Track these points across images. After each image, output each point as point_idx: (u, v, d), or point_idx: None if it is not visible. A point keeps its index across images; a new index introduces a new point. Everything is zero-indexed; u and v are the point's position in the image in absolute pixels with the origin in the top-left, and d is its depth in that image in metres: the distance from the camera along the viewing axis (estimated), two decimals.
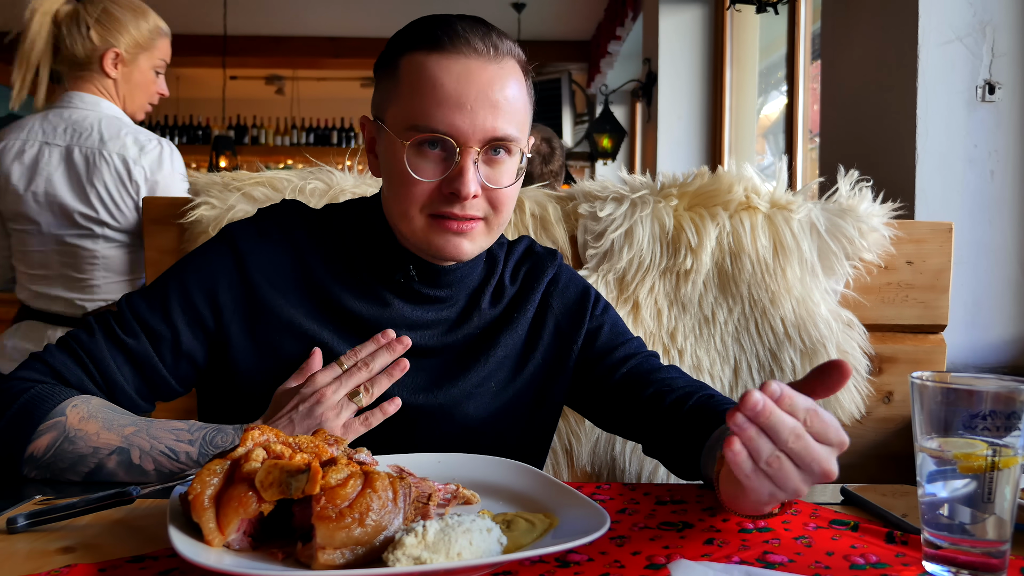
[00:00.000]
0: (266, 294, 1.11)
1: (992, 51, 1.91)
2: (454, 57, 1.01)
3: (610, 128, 5.64)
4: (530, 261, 1.26)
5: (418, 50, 1.03)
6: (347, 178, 1.71)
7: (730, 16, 4.47)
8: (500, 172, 1.05)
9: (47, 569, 0.71)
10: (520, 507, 0.87)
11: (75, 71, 2.08)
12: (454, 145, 1.01)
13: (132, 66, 2.11)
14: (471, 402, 1.15)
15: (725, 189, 1.60)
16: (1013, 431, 0.71)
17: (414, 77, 1.02)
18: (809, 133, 3.42)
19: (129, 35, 2.08)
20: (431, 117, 1.01)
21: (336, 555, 0.69)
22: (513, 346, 1.20)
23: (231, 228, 1.15)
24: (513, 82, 1.04)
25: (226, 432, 1.00)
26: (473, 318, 1.18)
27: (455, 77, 1.01)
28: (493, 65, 1.03)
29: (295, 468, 0.72)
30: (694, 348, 1.61)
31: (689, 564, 0.73)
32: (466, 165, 1.01)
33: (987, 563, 0.72)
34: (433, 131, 1.01)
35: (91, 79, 2.08)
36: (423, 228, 1.05)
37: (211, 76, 7.95)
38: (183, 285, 1.10)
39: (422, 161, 1.03)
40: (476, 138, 1.01)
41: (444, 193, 1.03)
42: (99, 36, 2.05)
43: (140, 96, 2.16)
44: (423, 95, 1.01)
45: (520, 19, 6.66)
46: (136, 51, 2.10)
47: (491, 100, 1.01)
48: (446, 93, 1.00)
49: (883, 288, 1.67)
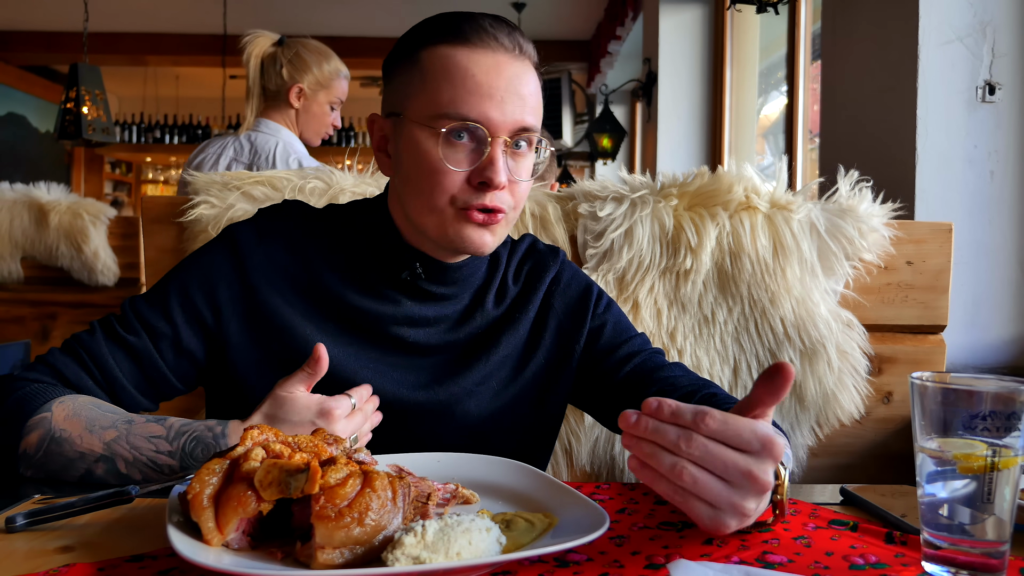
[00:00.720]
0: (265, 294, 1.11)
1: (992, 51, 1.91)
2: (482, 51, 1.02)
3: (610, 128, 5.64)
4: (532, 259, 1.26)
5: (442, 43, 1.03)
6: (347, 177, 1.71)
7: (730, 16, 4.47)
8: (522, 165, 1.07)
9: (46, 568, 0.71)
10: (519, 507, 0.87)
11: (267, 101, 2.56)
12: (485, 134, 1.01)
13: (312, 100, 2.56)
14: (472, 400, 1.15)
15: (725, 189, 1.60)
16: (1013, 432, 0.71)
17: (441, 68, 1.02)
18: (809, 133, 3.42)
19: (312, 74, 2.54)
20: (463, 105, 1.01)
21: (335, 555, 0.69)
22: (515, 345, 1.20)
23: (231, 228, 1.15)
24: (534, 80, 1.07)
25: (205, 441, 0.98)
26: (476, 316, 1.18)
27: (485, 69, 1.02)
28: (518, 61, 1.04)
29: (294, 467, 0.72)
30: (694, 348, 1.61)
31: (688, 564, 0.73)
32: (496, 154, 1.01)
33: (986, 563, 0.72)
34: (464, 119, 1.01)
35: (278, 108, 2.55)
36: (450, 220, 1.05)
37: (211, 75, 7.95)
38: (183, 284, 1.11)
39: (451, 151, 1.02)
40: (506, 128, 1.02)
41: (474, 183, 1.03)
42: (288, 73, 2.52)
43: (315, 125, 2.59)
44: (453, 84, 1.01)
45: (520, 19, 6.65)
46: (316, 88, 2.55)
47: (519, 93, 1.03)
48: (476, 83, 1.01)
49: (883, 288, 1.66)
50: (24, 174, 4.32)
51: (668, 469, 0.71)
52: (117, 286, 3.22)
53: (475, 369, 1.16)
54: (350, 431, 1.01)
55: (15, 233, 3.14)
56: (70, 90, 4.99)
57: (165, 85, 9.73)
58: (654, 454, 0.71)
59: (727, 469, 0.71)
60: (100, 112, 5.06)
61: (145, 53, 7.97)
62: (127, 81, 9.52)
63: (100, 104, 5.07)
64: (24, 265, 3.19)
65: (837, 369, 1.61)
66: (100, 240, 3.17)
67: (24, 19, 7.46)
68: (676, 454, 0.71)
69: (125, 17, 7.27)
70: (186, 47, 7.87)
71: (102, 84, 5.13)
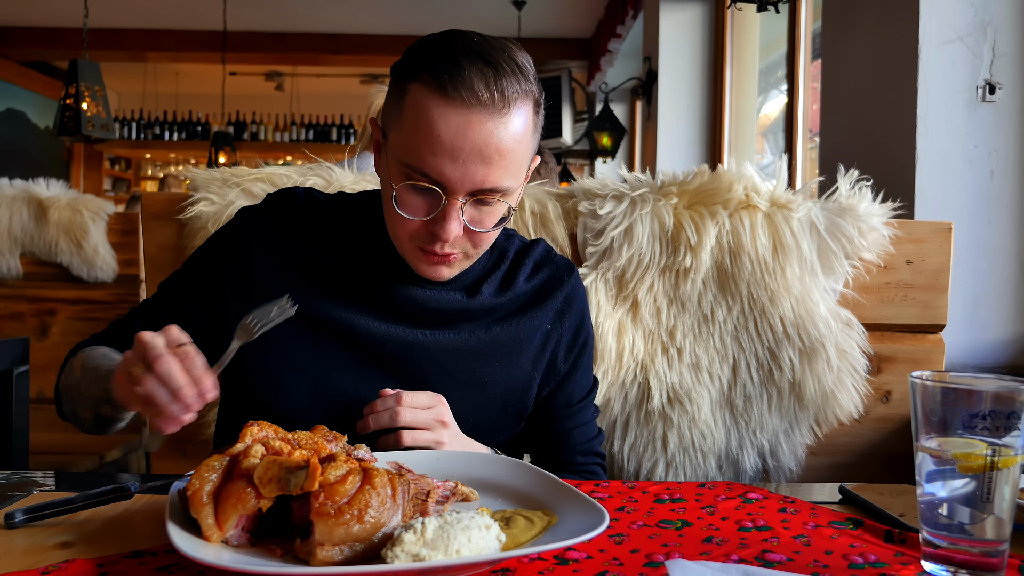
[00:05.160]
0: (262, 267, 1.15)
1: (993, 51, 1.91)
2: (455, 106, 1.00)
3: (610, 126, 5.64)
4: (548, 268, 1.26)
5: (425, 84, 1.02)
6: (346, 174, 1.70)
7: (731, 15, 4.46)
8: (486, 215, 1.07)
9: (45, 564, 0.71)
10: (519, 504, 0.87)
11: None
12: (440, 193, 1.02)
13: None
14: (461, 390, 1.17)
15: (725, 188, 1.60)
16: (1012, 431, 0.71)
17: (416, 115, 1.02)
18: (809, 132, 3.42)
19: None
20: (424, 162, 1.01)
21: (335, 551, 0.69)
22: (514, 351, 1.20)
23: (240, 209, 1.23)
24: (515, 130, 1.03)
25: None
26: (474, 304, 1.18)
27: (453, 128, 1.00)
28: (495, 118, 1.01)
29: (294, 464, 0.72)
30: (693, 346, 1.61)
31: (686, 564, 0.73)
32: (450, 212, 1.03)
33: (985, 563, 0.72)
34: (424, 176, 1.02)
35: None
36: (408, 250, 1.10)
37: (211, 72, 7.94)
38: (196, 260, 1.22)
39: (411, 198, 1.05)
40: (464, 189, 1.02)
41: (428, 231, 1.06)
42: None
43: None
44: (419, 138, 1.01)
45: (520, 16, 6.64)
46: None
47: (485, 155, 1.01)
48: (441, 143, 1.00)
49: (882, 287, 1.67)
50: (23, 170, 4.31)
51: None
52: (116, 282, 3.21)
53: (470, 355, 1.18)
54: None
55: (14, 229, 3.13)
56: (70, 86, 4.98)
57: (165, 81, 9.72)
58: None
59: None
60: (100, 108, 5.05)
61: (145, 49, 7.96)
62: (127, 77, 9.50)
63: (100, 100, 5.06)
64: (23, 261, 3.18)
65: (836, 368, 1.61)
66: (99, 236, 3.16)
67: (24, 15, 7.45)
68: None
69: (125, 13, 7.26)
70: (186, 43, 7.86)
71: (102, 80, 5.12)
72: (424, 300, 1.15)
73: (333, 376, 1.13)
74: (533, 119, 1.06)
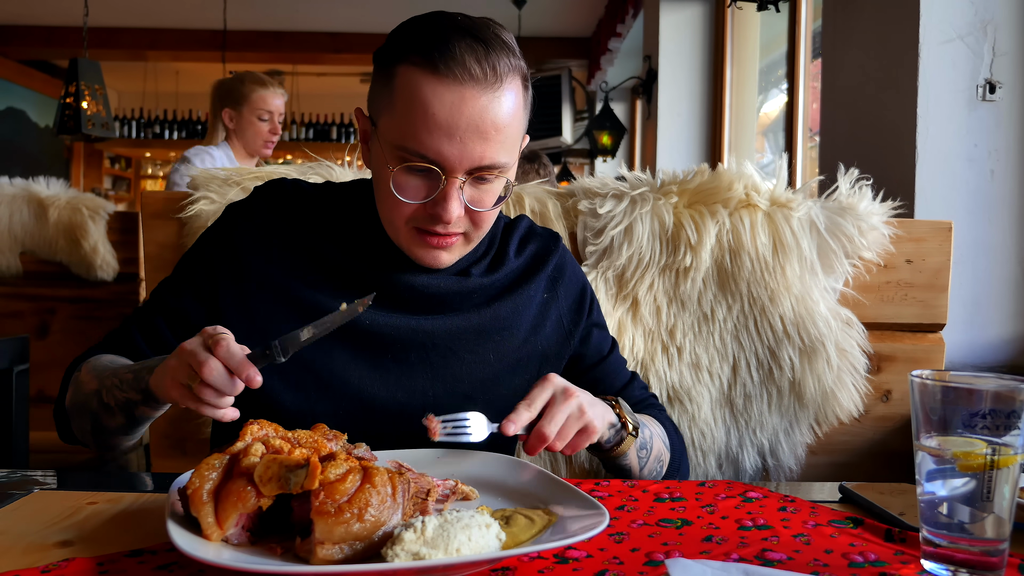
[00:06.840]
0: (256, 262, 1.14)
1: (993, 50, 1.91)
2: (447, 83, 0.99)
3: (610, 125, 5.64)
4: (535, 241, 1.27)
5: (414, 65, 1.01)
6: (346, 173, 1.71)
7: (731, 14, 4.46)
8: (485, 193, 1.06)
9: (45, 563, 0.71)
10: (519, 503, 0.87)
11: None
12: (439, 172, 1.02)
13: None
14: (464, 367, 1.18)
15: (725, 187, 1.60)
16: (1012, 430, 0.71)
17: (408, 96, 1.01)
18: (809, 131, 3.42)
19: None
20: (420, 143, 1.00)
21: (335, 550, 0.69)
22: (515, 324, 1.20)
23: (228, 206, 1.22)
24: (508, 105, 1.03)
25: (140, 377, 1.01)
26: (469, 284, 1.18)
27: (447, 105, 0.99)
28: (488, 93, 1.01)
29: (294, 463, 0.72)
30: (693, 345, 1.61)
31: (686, 563, 0.73)
32: (450, 192, 1.02)
33: (985, 562, 0.72)
34: (421, 157, 1.01)
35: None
36: (405, 236, 1.08)
37: (210, 71, 7.92)
38: (188, 260, 1.20)
39: (408, 181, 1.03)
40: (463, 167, 1.02)
41: (427, 212, 1.04)
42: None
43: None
44: (414, 119, 1.00)
45: (520, 15, 6.63)
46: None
47: (482, 131, 1.00)
48: (436, 122, 0.99)
49: (882, 287, 1.67)
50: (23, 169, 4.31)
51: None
52: (116, 281, 3.21)
53: (464, 319, 1.18)
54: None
55: (14, 228, 3.13)
56: (70, 85, 4.98)
57: (165, 80, 9.71)
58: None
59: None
60: (100, 107, 5.05)
61: (145, 48, 7.95)
62: (127, 76, 9.50)
63: (100, 99, 5.06)
64: (23, 260, 3.18)
65: (836, 367, 1.61)
66: (99, 235, 3.16)
67: (24, 13, 7.44)
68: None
69: (125, 12, 7.25)
70: (186, 42, 7.85)
71: (102, 79, 5.12)
72: (422, 286, 1.14)
73: (336, 369, 1.13)
74: (523, 94, 1.06)
